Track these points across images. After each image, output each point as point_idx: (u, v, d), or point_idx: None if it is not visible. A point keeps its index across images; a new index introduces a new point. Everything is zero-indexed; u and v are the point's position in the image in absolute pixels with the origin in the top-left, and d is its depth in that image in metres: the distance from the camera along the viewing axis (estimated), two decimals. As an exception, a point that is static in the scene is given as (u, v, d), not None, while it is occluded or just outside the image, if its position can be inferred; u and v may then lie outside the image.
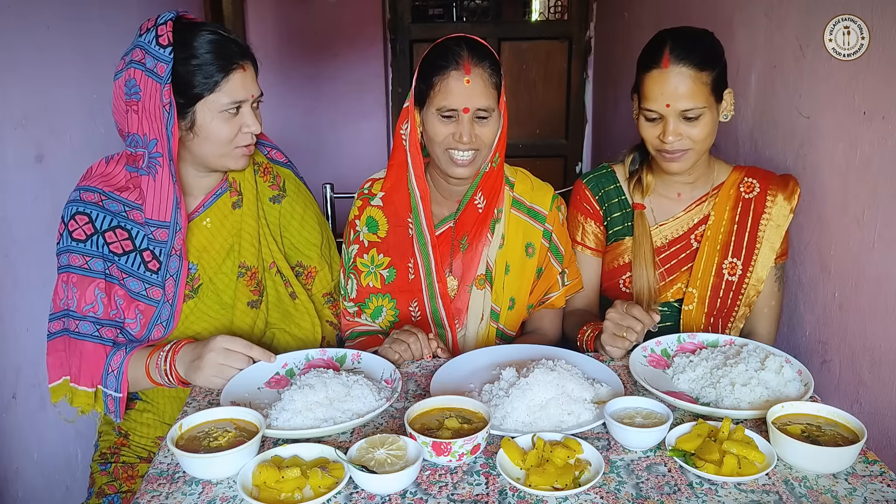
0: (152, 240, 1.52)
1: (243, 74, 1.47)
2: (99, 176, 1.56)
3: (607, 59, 4.25)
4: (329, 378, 1.34)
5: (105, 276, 1.53)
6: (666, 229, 1.77)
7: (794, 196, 1.70)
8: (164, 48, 1.39)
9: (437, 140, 1.60)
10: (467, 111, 1.56)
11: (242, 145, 1.51)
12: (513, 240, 1.73)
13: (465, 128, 1.57)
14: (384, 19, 4.65)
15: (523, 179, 1.78)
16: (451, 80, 1.55)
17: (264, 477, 1.10)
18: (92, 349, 1.52)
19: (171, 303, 1.54)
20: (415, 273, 1.72)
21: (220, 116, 1.46)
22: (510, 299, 1.73)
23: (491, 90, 1.58)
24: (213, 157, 1.51)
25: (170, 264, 1.53)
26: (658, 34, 1.63)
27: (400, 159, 1.71)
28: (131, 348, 1.52)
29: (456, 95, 1.55)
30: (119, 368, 1.51)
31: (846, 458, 1.15)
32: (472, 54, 1.56)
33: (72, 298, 1.52)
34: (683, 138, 1.60)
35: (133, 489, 1.59)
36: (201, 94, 1.44)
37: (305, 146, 4.46)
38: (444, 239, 1.73)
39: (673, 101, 1.56)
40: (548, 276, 1.77)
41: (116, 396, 1.51)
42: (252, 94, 1.49)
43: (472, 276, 1.71)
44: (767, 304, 1.75)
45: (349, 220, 1.79)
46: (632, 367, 1.44)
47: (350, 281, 1.77)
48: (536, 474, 1.12)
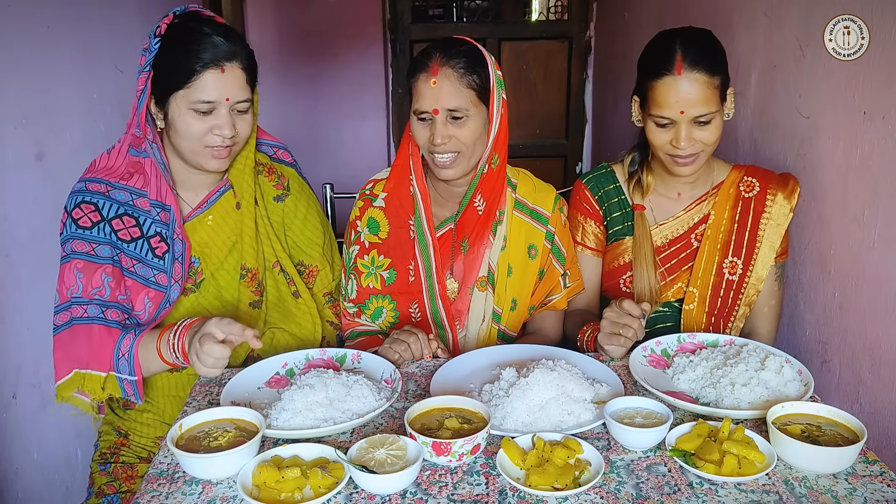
0: (158, 222, 1.53)
1: (219, 76, 1.45)
2: (103, 168, 1.56)
3: (607, 59, 4.25)
4: (329, 378, 1.34)
5: (112, 261, 1.51)
6: (666, 229, 1.77)
7: (794, 195, 1.70)
8: (154, 38, 1.44)
9: (420, 142, 1.62)
10: (437, 112, 1.56)
11: (212, 146, 1.49)
12: (515, 241, 1.73)
13: (437, 129, 1.56)
14: (384, 19, 4.65)
15: (525, 181, 1.78)
16: (420, 83, 1.57)
17: (264, 477, 1.10)
18: (98, 332, 1.47)
19: (179, 284, 1.54)
20: (415, 275, 1.71)
21: (188, 112, 1.46)
22: (512, 301, 1.73)
23: (463, 90, 1.55)
24: (186, 152, 1.51)
25: (175, 247, 1.53)
26: (663, 37, 1.62)
27: (404, 161, 1.71)
28: (140, 331, 1.48)
29: (424, 97, 1.56)
30: (130, 352, 1.46)
31: (846, 458, 1.15)
32: (442, 55, 1.55)
33: (77, 284, 1.48)
34: (696, 142, 1.59)
35: (133, 489, 1.59)
36: (176, 86, 1.45)
37: (305, 146, 4.45)
38: (445, 241, 1.73)
39: (687, 108, 1.55)
40: (549, 277, 1.76)
41: (132, 380, 1.47)
42: (228, 97, 1.46)
43: (474, 279, 1.71)
44: (767, 303, 1.75)
45: (350, 221, 1.79)
46: (632, 367, 1.44)
47: (350, 281, 1.76)
48: (536, 474, 1.12)
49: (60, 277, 1.51)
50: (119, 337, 1.47)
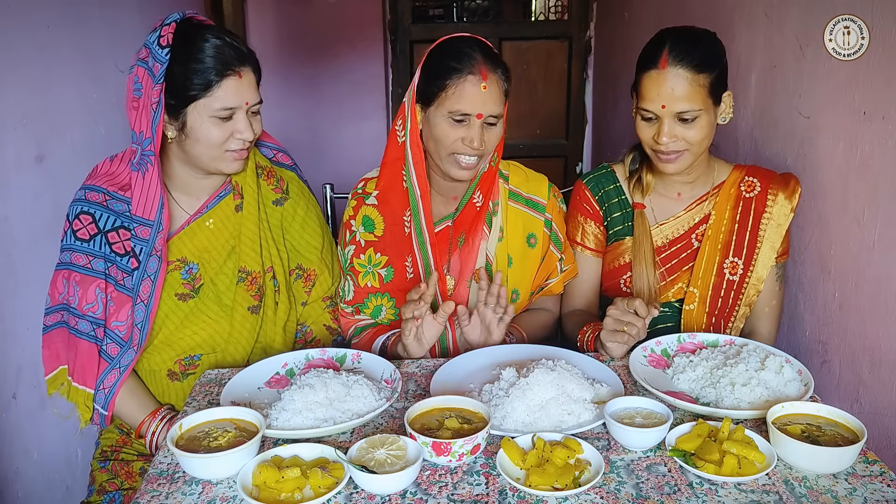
0: (135, 236, 1.53)
1: (238, 81, 1.46)
2: (104, 175, 1.57)
3: (607, 59, 4.25)
4: (329, 378, 1.34)
5: (105, 276, 1.54)
6: (666, 229, 1.77)
7: (795, 195, 1.70)
8: (162, 49, 1.42)
9: (445, 143, 1.60)
10: (480, 117, 1.56)
11: (234, 149, 1.50)
12: (513, 232, 1.73)
13: (476, 133, 1.56)
14: (384, 20, 4.65)
15: (517, 172, 1.79)
16: (467, 85, 1.55)
17: (264, 477, 1.10)
18: (87, 348, 1.55)
19: (146, 304, 1.54)
20: (413, 271, 1.71)
21: (210, 120, 1.46)
22: (513, 292, 1.74)
23: (502, 96, 1.59)
24: (205, 159, 1.51)
25: (149, 264, 1.53)
26: (659, 33, 1.62)
27: (394, 156, 1.70)
28: (124, 368, 1.55)
29: (472, 101, 1.55)
30: (111, 389, 1.55)
31: (846, 458, 1.15)
32: (488, 60, 1.57)
33: (73, 296, 1.54)
34: (678, 140, 1.59)
35: (134, 486, 1.60)
36: (194, 96, 1.44)
37: (306, 147, 4.45)
38: (442, 237, 1.73)
39: (669, 103, 1.56)
40: (548, 263, 1.78)
41: (103, 413, 1.57)
42: (247, 101, 1.48)
43: (471, 271, 1.71)
44: (768, 303, 1.75)
45: (344, 222, 1.79)
46: (632, 367, 1.44)
47: (347, 282, 1.76)
48: (536, 474, 1.12)
49: (53, 282, 1.56)
50: (105, 369, 1.55)
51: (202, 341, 1.61)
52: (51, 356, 1.56)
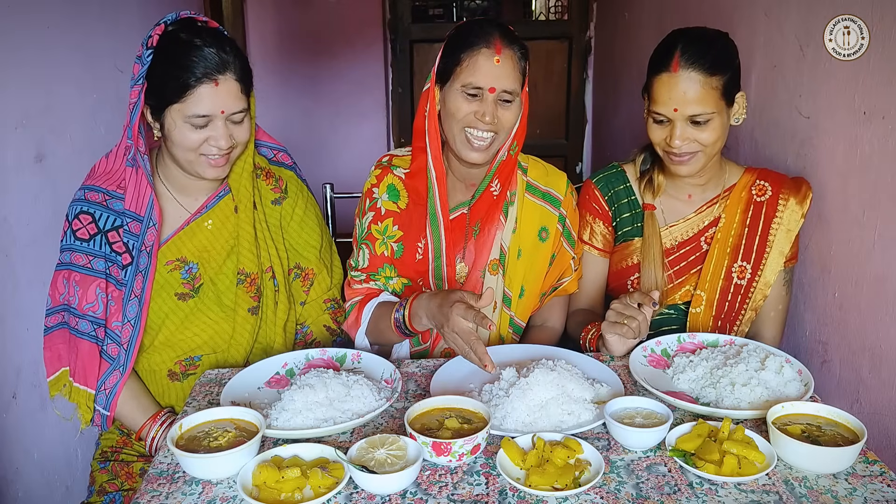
0: (127, 231, 1.53)
1: (213, 89, 1.44)
2: (103, 174, 1.57)
3: (607, 59, 4.25)
4: (329, 378, 1.34)
5: (105, 275, 1.54)
6: (676, 231, 1.76)
7: (807, 200, 1.69)
8: (147, 50, 1.44)
9: (458, 116, 1.57)
10: (493, 91, 1.55)
11: (208, 155, 1.50)
12: (527, 224, 1.72)
13: (488, 107, 1.55)
14: (384, 20, 4.65)
15: (536, 165, 1.79)
16: (480, 58, 1.54)
17: (264, 477, 1.10)
18: (88, 348, 1.55)
19: (139, 299, 1.54)
20: (423, 255, 1.70)
21: (185, 125, 1.46)
22: (521, 287, 1.73)
23: (518, 74, 1.58)
24: (183, 161, 1.52)
25: (140, 259, 1.54)
26: (671, 34, 1.61)
27: (422, 144, 1.68)
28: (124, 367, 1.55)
29: (484, 73, 1.54)
30: (113, 389, 1.55)
31: (846, 458, 1.14)
32: (504, 35, 1.56)
33: (73, 296, 1.54)
34: (691, 142, 1.58)
35: (134, 487, 1.60)
36: (170, 100, 1.44)
37: (305, 146, 4.45)
38: (458, 224, 1.71)
39: (681, 106, 1.55)
40: (560, 261, 1.76)
41: (104, 414, 1.57)
42: (223, 109, 1.46)
43: (485, 261, 1.70)
44: (774, 307, 1.74)
45: (365, 191, 1.75)
46: (632, 367, 1.44)
47: (362, 251, 1.73)
48: (536, 474, 1.12)
49: (53, 283, 1.56)
50: (107, 370, 1.55)
51: (203, 343, 1.61)
52: (52, 358, 1.55)
